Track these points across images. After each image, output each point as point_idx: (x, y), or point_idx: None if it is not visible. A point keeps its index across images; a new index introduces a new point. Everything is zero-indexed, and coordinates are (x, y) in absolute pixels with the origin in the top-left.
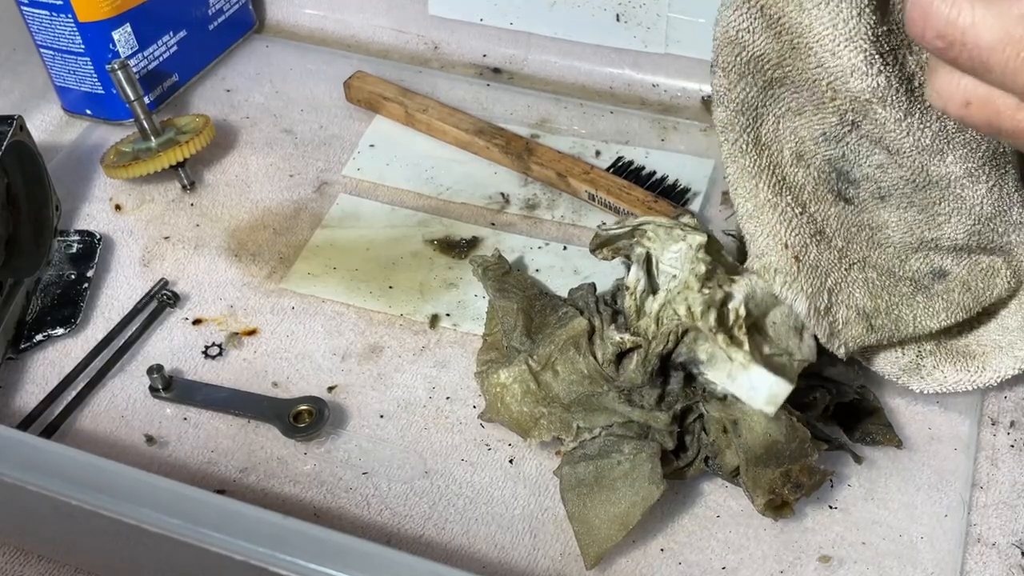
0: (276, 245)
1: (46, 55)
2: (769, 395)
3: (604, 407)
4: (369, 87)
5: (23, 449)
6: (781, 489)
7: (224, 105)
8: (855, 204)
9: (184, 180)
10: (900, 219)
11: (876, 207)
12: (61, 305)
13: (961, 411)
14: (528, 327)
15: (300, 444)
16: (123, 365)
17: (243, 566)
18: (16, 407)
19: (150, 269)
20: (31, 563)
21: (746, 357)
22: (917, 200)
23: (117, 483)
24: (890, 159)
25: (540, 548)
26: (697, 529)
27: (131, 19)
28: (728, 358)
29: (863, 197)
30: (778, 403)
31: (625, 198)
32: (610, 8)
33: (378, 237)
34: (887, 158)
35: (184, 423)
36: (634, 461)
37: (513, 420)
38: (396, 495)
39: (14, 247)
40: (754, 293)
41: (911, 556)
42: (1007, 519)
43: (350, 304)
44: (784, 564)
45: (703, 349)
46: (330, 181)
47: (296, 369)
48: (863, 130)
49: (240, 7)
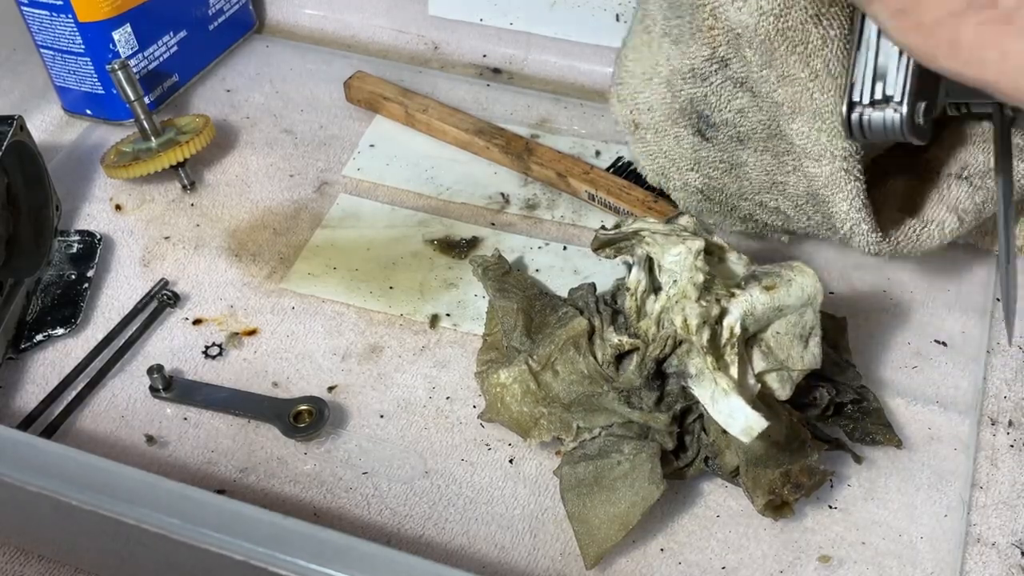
0: (276, 245)
1: (46, 55)
2: (745, 426)
3: (604, 407)
4: (369, 87)
5: (23, 449)
6: (781, 489)
7: (224, 105)
8: (713, 143)
9: (184, 180)
10: (758, 160)
11: (735, 148)
12: (61, 305)
13: (961, 411)
14: (528, 327)
15: (300, 444)
16: (123, 365)
17: (243, 566)
18: (16, 407)
19: (150, 269)
20: (31, 563)
21: (729, 384)
22: (771, 147)
23: (117, 483)
24: (752, 103)
25: (540, 548)
26: (697, 529)
27: (131, 19)
28: (714, 381)
29: (721, 139)
30: (753, 435)
31: (625, 198)
32: (610, 8)
33: (378, 237)
34: (749, 101)
35: (184, 423)
36: (634, 461)
37: (513, 420)
38: (396, 495)
39: (14, 247)
40: (753, 309)
41: (911, 556)
42: (1007, 519)
43: (350, 304)
44: (784, 564)
45: (693, 363)
46: (330, 181)
47: (296, 369)
48: (730, 71)
49: (240, 7)
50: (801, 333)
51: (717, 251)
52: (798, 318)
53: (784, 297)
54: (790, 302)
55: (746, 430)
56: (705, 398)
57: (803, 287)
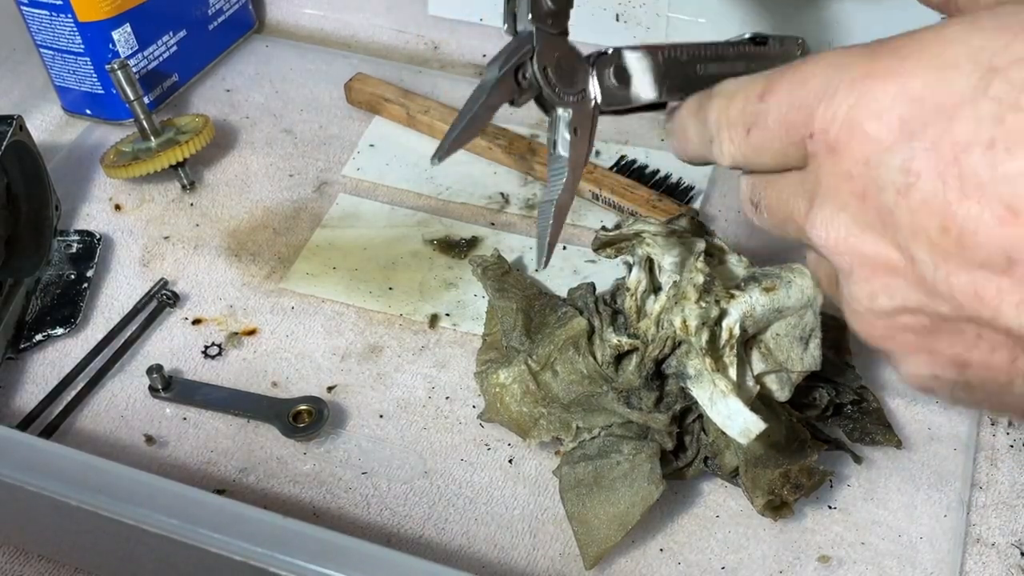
0: (276, 245)
1: (46, 55)
2: (743, 428)
3: (603, 407)
4: (370, 89)
5: (23, 450)
6: (780, 489)
7: (224, 105)
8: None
9: (184, 180)
10: None
11: None
12: (61, 305)
13: (960, 411)
14: (527, 327)
15: (300, 444)
16: (123, 365)
17: (243, 567)
18: (16, 407)
19: (150, 269)
20: (31, 563)
21: (728, 386)
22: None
23: (116, 484)
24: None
25: (540, 548)
26: (697, 529)
27: (131, 19)
28: (712, 382)
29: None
30: (751, 437)
31: (629, 197)
32: (610, 8)
33: (378, 237)
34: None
35: (184, 423)
36: (633, 461)
37: (512, 420)
38: (396, 495)
39: (14, 247)
40: (753, 311)
41: (910, 556)
42: (1006, 519)
43: (350, 304)
44: (783, 564)
45: (692, 364)
46: (330, 181)
47: (296, 369)
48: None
49: (240, 7)
50: (801, 335)
51: (717, 252)
52: (798, 320)
53: (784, 299)
54: (790, 304)
55: (744, 432)
56: (704, 399)
57: (803, 289)
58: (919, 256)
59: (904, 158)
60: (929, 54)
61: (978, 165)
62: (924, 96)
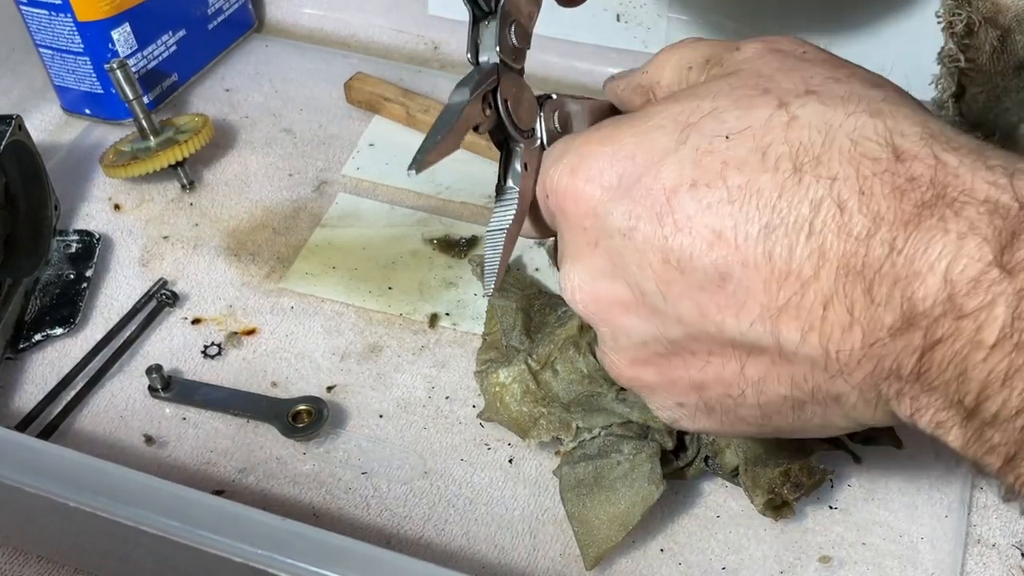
0: (275, 245)
1: (45, 55)
2: None
3: (603, 407)
4: (369, 88)
5: (21, 451)
6: (781, 489)
7: (223, 105)
8: None
9: (183, 180)
10: None
11: None
12: (60, 305)
13: None
14: (527, 326)
15: (299, 444)
16: (122, 365)
17: (242, 568)
18: (15, 407)
19: (149, 269)
20: (31, 563)
21: None
22: None
23: (115, 485)
24: None
25: (540, 548)
26: (697, 529)
27: (130, 18)
28: None
29: None
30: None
31: None
32: (610, 8)
33: (377, 236)
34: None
35: (183, 423)
36: (634, 461)
37: (512, 420)
38: (396, 495)
39: (13, 247)
40: None
41: (911, 557)
42: (1007, 520)
43: (349, 304)
44: (784, 564)
45: None
46: (329, 180)
47: (295, 369)
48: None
49: (239, 7)
50: None
51: None
52: None
53: None
54: None
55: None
56: None
57: None
58: (648, 288)
59: (625, 206)
60: (638, 121)
61: (685, 202)
62: (636, 153)
